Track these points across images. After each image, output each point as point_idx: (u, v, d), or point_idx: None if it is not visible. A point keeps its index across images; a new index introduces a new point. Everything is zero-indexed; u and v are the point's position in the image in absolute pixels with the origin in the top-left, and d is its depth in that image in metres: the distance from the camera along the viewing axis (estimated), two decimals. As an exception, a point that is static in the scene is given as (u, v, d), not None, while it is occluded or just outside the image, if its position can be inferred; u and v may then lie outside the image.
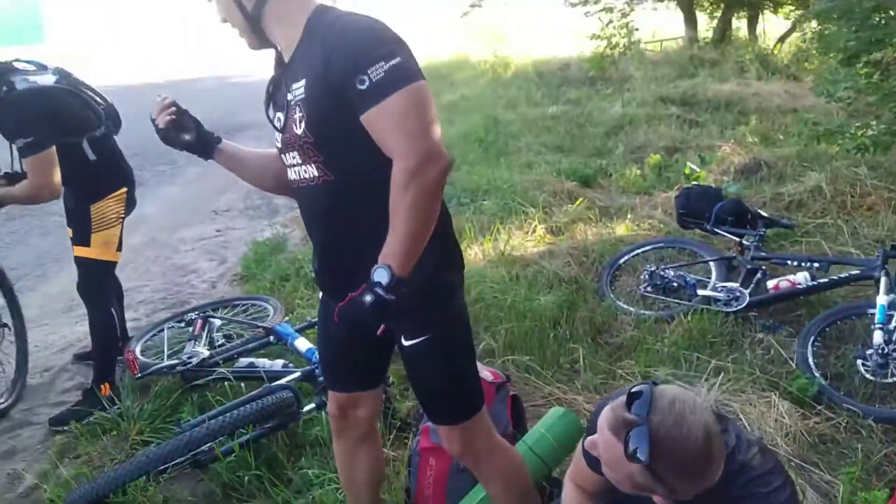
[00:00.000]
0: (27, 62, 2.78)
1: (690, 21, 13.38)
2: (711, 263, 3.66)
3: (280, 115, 1.55)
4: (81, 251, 2.91)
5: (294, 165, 1.57)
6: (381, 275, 1.36)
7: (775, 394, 2.54)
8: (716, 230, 3.71)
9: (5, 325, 3.16)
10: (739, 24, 14.43)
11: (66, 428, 2.83)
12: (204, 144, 1.77)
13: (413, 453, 2.21)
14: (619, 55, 7.62)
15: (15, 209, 5.35)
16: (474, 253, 4.19)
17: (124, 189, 2.99)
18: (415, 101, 1.39)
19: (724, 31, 13.17)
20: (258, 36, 1.56)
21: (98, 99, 2.92)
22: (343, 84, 1.38)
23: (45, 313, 4.03)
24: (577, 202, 5.00)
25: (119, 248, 3.02)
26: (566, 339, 3.16)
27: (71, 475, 2.51)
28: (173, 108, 1.72)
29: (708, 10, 14.19)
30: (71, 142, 2.73)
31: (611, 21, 7.69)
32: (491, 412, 2.20)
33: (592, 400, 2.68)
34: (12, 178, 2.81)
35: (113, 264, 3.04)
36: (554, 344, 3.12)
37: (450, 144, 7.12)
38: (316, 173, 1.52)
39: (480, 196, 5.30)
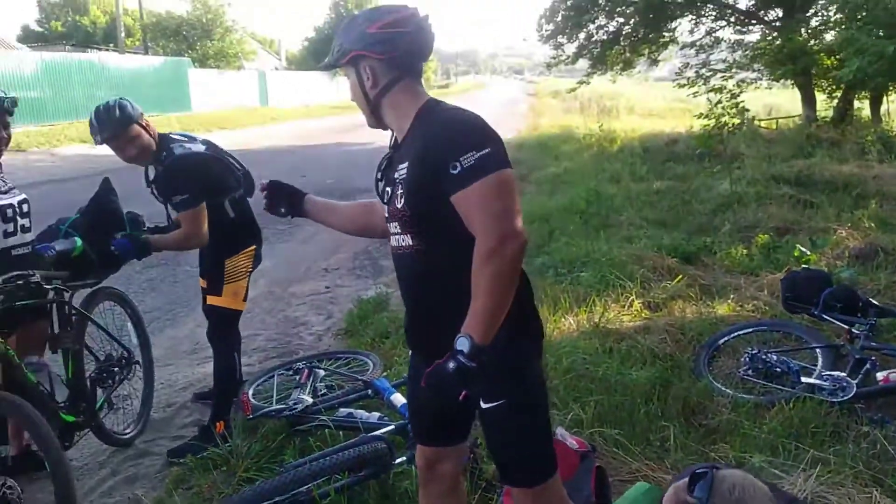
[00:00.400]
0: (180, 134, 3.22)
1: (808, 100, 13.04)
2: (818, 350, 3.53)
3: (388, 189, 1.77)
4: (214, 300, 3.24)
5: (395, 234, 1.78)
6: (462, 343, 1.53)
7: (877, 490, 2.41)
8: (824, 316, 3.59)
9: (137, 362, 3.48)
10: (861, 105, 13.89)
11: (182, 460, 3.09)
12: (296, 208, 2.10)
13: (497, 513, 2.28)
14: (727, 134, 7.56)
15: (153, 259, 5.96)
16: (568, 324, 4.25)
17: (254, 246, 3.33)
18: (499, 187, 1.57)
19: (844, 111, 12.73)
20: (376, 118, 1.82)
21: (237, 164, 3.31)
22: (438, 168, 1.59)
23: (171, 354, 4.43)
24: (677, 279, 4.96)
25: (245, 299, 3.34)
26: (657, 417, 3.13)
27: (183, 504, 2.74)
28: (266, 193, 2.10)
29: (827, 90, 13.79)
30: (215, 202, 3.11)
31: (720, 101, 7.69)
32: (573, 480, 2.26)
33: (682, 480, 2.63)
34: (162, 230, 3.22)
35: (239, 313, 3.36)
36: (644, 420, 3.10)
37: (550, 216, 7.28)
38: (411, 243, 1.72)
39: (578, 267, 5.37)
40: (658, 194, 8.37)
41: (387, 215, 1.80)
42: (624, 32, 15.32)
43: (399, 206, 1.70)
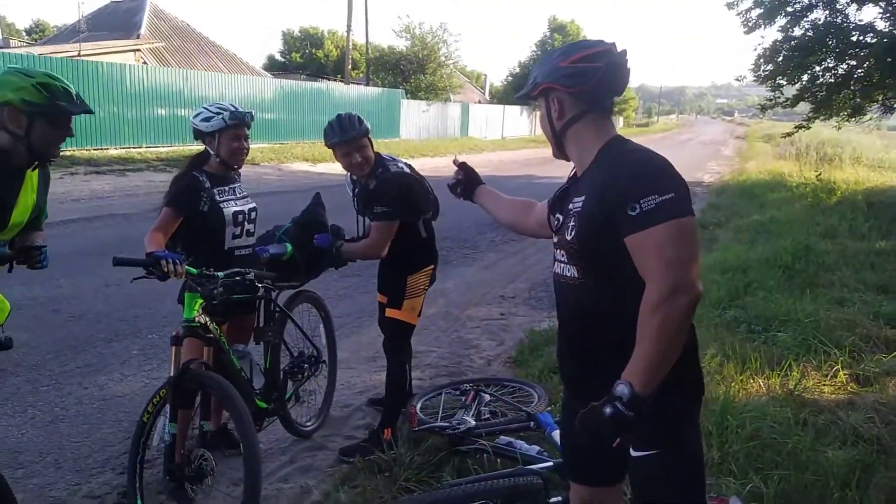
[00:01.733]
0: (388, 156, 3.49)
1: None
2: None
3: (559, 217, 1.78)
4: (393, 313, 3.45)
5: (560, 262, 1.77)
6: (622, 390, 1.48)
7: None
8: None
9: (324, 361, 3.78)
10: None
11: (351, 460, 3.30)
12: (469, 193, 2.30)
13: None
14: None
15: (349, 270, 6.47)
16: (757, 386, 3.88)
17: (432, 266, 3.50)
18: (678, 234, 1.51)
19: None
20: (560, 150, 1.84)
21: (429, 188, 3.50)
22: (616, 207, 1.56)
23: (354, 358, 4.76)
24: (894, 353, 4.32)
25: (419, 315, 3.51)
26: (855, 505, 2.75)
27: (347, 501, 2.92)
28: (458, 170, 2.32)
29: None
30: (411, 221, 3.32)
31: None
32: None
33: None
34: (353, 240, 3.50)
35: (413, 327, 3.53)
36: (839, 507, 2.73)
37: (747, 267, 6.74)
38: (576, 275, 1.71)
39: (775, 326, 4.90)
40: (881, 255, 7.38)
41: (555, 241, 1.81)
42: (855, 76, 13.81)
43: (569, 237, 1.69)
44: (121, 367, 4.39)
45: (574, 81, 1.70)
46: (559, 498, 2.63)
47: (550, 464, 2.84)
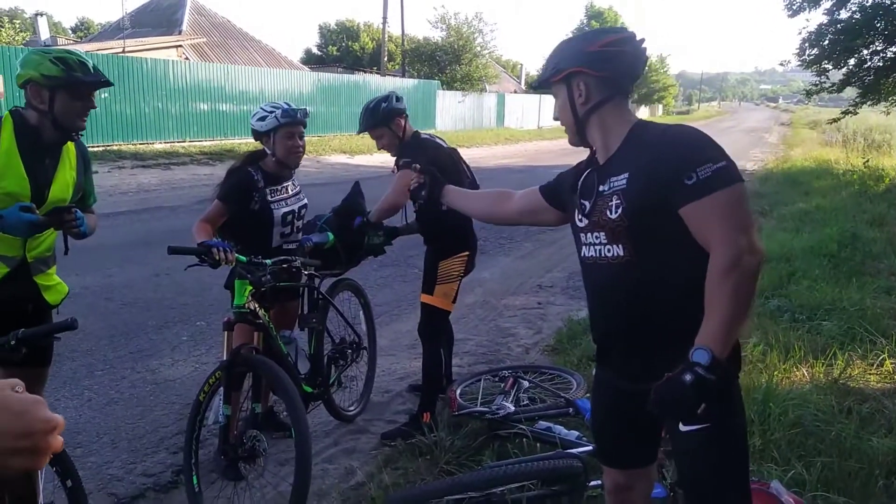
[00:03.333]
0: (426, 134, 3.57)
1: None
2: None
3: (587, 202, 1.77)
4: (426, 298, 3.50)
5: (596, 244, 1.76)
6: (701, 356, 1.48)
7: None
8: None
9: (365, 347, 3.87)
10: None
11: (393, 443, 3.39)
12: (434, 195, 2.41)
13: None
14: None
15: (387, 259, 6.55)
16: (800, 375, 3.83)
17: (467, 252, 3.53)
18: (738, 199, 1.56)
19: None
20: (580, 136, 1.84)
21: (466, 170, 3.54)
22: (670, 179, 1.58)
23: (393, 346, 4.85)
24: (946, 342, 4.21)
25: (454, 301, 3.56)
26: (901, 494, 2.71)
27: (390, 482, 2.99)
28: (416, 175, 2.48)
29: None
30: (438, 184, 3.35)
31: None
32: (785, 540, 2.06)
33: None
34: (396, 231, 3.55)
35: (447, 313, 3.58)
36: (884, 496, 2.70)
37: (792, 255, 6.62)
38: (622, 253, 1.70)
39: (820, 315, 4.82)
40: (933, 243, 7.16)
41: (582, 225, 1.80)
42: (904, 58, 13.33)
43: (613, 216, 1.69)
44: (171, 353, 4.56)
45: (603, 66, 1.72)
46: (599, 482, 2.67)
47: (590, 448, 2.86)
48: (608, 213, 1.71)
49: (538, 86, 1.95)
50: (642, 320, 1.73)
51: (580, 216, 1.81)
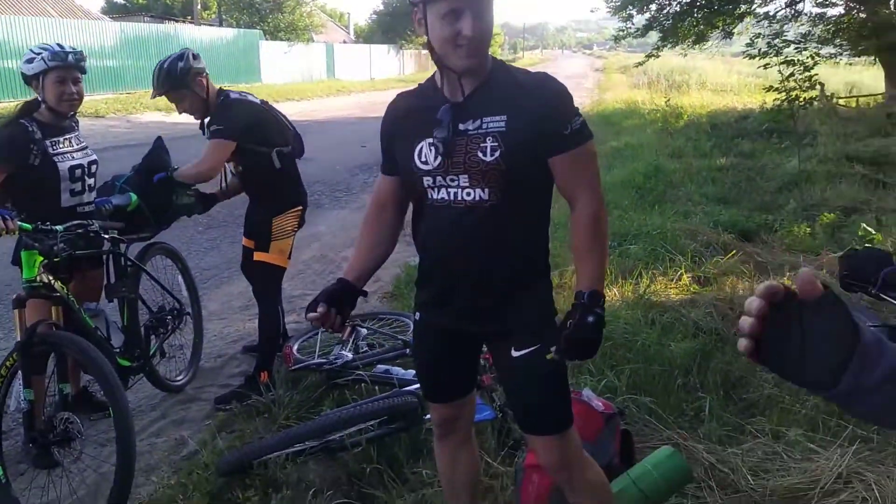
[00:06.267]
0: (238, 93, 3.35)
1: (892, 78, 12.24)
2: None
3: (439, 143, 1.64)
4: (261, 255, 3.36)
5: (452, 187, 1.66)
6: (593, 296, 1.58)
7: (920, 470, 2.32)
8: (882, 296, 3.41)
9: (188, 313, 3.63)
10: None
11: (228, 407, 3.25)
12: (349, 299, 1.88)
13: (518, 469, 2.31)
14: (797, 109, 7.19)
15: (214, 220, 6.18)
16: (612, 294, 4.19)
17: (300, 207, 3.43)
18: (594, 152, 1.72)
19: (933, 87, 11.90)
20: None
21: (288, 125, 3.40)
22: (551, 128, 1.63)
23: (224, 309, 4.63)
24: (730, 254, 4.81)
25: (289, 257, 3.45)
26: (695, 389, 3.08)
27: (225, 446, 2.88)
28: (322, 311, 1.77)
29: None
30: (261, 150, 3.21)
31: (792, 74, 7.30)
32: (597, 442, 2.26)
33: (714, 450, 2.60)
34: (211, 197, 3.38)
35: (283, 270, 3.47)
36: (682, 392, 3.06)
37: (605, 190, 7.12)
38: (486, 197, 1.63)
39: (628, 241, 5.28)
40: (721, 171, 8.11)
41: (433, 167, 1.66)
42: (698, 3, 14.70)
43: (488, 158, 1.61)
44: (-40, 343, 4.01)
45: None
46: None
47: (424, 384, 2.94)
48: (480, 154, 1.62)
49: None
50: (496, 264, 1.71)
51: (424, 158, 1.68)
